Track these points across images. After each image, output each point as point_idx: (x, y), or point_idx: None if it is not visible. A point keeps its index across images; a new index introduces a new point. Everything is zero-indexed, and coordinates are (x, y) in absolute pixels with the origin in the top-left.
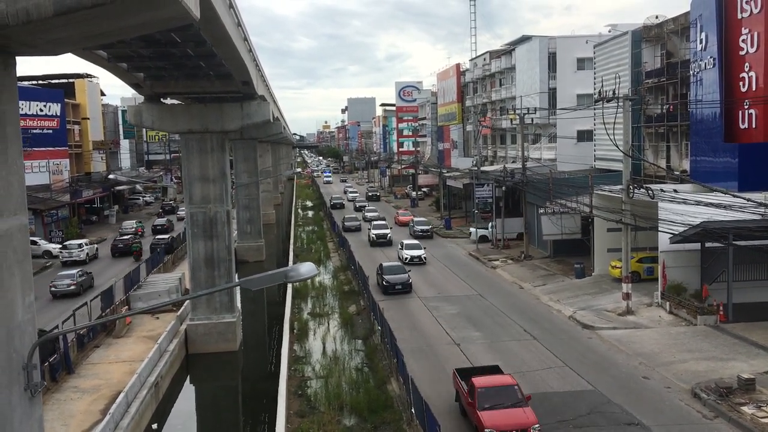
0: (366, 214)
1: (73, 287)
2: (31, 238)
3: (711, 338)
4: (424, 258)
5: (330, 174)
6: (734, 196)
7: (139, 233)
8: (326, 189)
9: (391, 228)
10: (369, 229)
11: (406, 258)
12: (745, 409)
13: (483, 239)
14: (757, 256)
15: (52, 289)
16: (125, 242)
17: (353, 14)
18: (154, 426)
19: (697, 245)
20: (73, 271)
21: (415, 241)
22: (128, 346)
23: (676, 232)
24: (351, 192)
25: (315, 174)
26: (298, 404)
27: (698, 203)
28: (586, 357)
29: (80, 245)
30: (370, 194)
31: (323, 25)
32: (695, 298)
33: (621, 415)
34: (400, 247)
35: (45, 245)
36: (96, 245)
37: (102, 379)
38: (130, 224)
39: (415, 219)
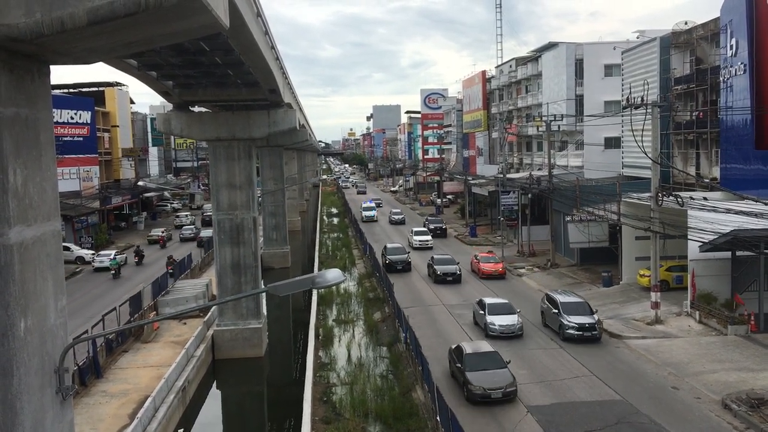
0: (491, 320)
1: (192, 234)
2: (64, 244)
3: (742, 348)
4: None
5: (374, 206)
6: (765, 203)
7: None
8: (365, 219)
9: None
10: None
11: None
12: None
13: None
14: None
15: (181, 236)
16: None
17: (378, 22)
18: (181, 431)
19: (727, 254)
20: (191, 226)
21: None
22: (156, 351)
23: (706, 241)
24: (419, 234)
25: (343, 186)
26: (323, 411)
27: (728, 211)
28: (613, 366)
29: (186, 215)
30: (432, 226)
31: (348, 33)
32: (725, 307)
33: (650, 426)
34: None
35: (78, 251)
36: (194, 218)
37: (130, 383)
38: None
39: (562, 300)
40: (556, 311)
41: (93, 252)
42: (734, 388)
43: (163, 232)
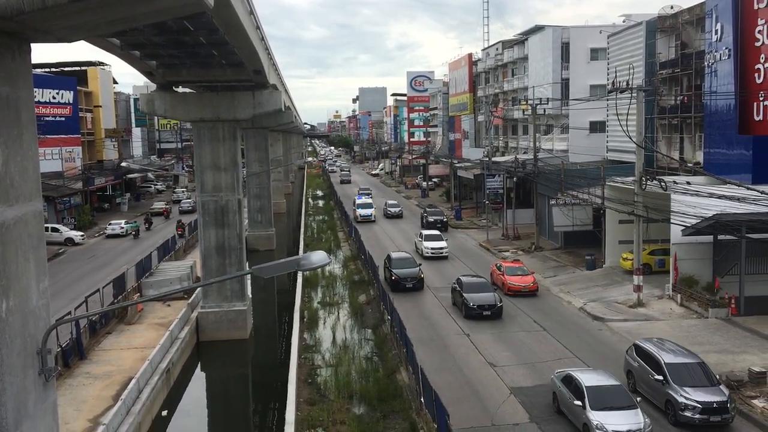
0: (597, 421)
1: (190, 207)
2: (54, 225)
3: (722, 331)
4: None
5: (370, 203)
6: (748, 188)
7: None
8: (361, 219)
9: None
10: None
11: None
12: (755, 402)
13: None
14: None
15: (180, 208)
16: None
17: (364, 3)
18: (164, 413)
19: (709, 238)
20: (189, 200)
21: None
22: (140, 332)
23: (689, 225)
24: (430, 239)
25: (330, 169)
26: (308, 392)
27: (711, 195)
28: (596, 349)
29: (183, 191)
30: (432, 219)
31: (334, 13)
32: (707, 290)
33: None
34: None
35: (67, 232)
36: (190, 193)
37: (114, 365)
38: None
39: (669, 360)
40: (661, 378)
41: (82, 234)
42: (714, 370)
43: (166, 204)
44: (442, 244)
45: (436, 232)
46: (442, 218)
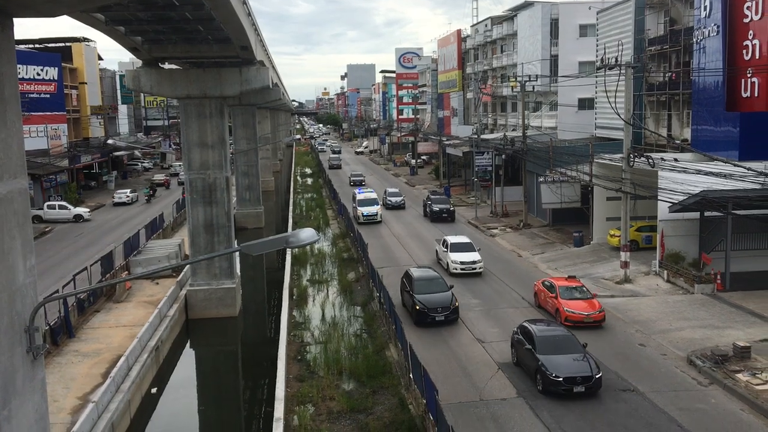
0: None
1: None
2: (61, 203)
3: (708, 306)
4: None
5: (374, 198)
6: (735, 165)
7: None
8: (364, 219)
9: None
10: None
11: None
12: (739, 376)
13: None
14: (755, 225)
15: (179, 180)
16: None
17: None
18: (154, 390)
19: (696, 214)
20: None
21: None
22: (128, 310)
23: (676, 201)
24: (458, 248)
25: (319, 149)
26: (297, 369)
27: (698, 172)
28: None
29: (180, 165)
30: (437, 208)
31: None
32: (693, 266)
33: (616, 382)
34: None
35: (74, 210)
36: None
37: (103, 343)
38: None
39: None
40: None
41: (89, 210)
42: (699, 345)
43: (166, 176)
44: (475, 256)
45: (466, 239)
46: (448, 206)
